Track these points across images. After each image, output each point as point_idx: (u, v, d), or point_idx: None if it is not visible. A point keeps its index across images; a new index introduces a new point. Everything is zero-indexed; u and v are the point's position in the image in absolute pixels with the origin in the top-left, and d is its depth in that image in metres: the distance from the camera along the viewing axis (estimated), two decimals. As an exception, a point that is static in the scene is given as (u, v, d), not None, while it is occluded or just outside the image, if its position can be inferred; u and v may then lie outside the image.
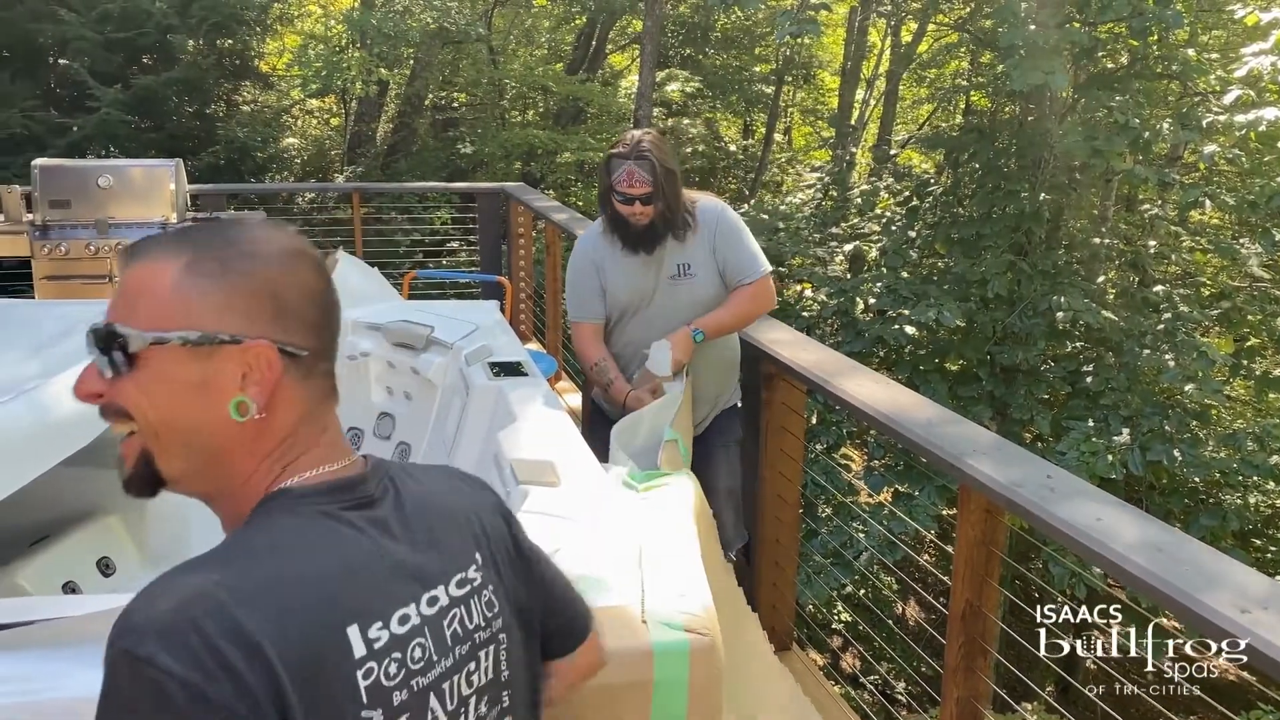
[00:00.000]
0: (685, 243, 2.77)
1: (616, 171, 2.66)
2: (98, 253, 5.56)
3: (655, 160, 2.64)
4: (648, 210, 2.68)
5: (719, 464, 2.89)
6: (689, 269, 2.79)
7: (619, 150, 2.68)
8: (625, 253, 2.79)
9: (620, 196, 2.68)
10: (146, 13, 9.30)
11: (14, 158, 8.17)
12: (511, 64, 13.99)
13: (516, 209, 6.65)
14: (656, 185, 2.64)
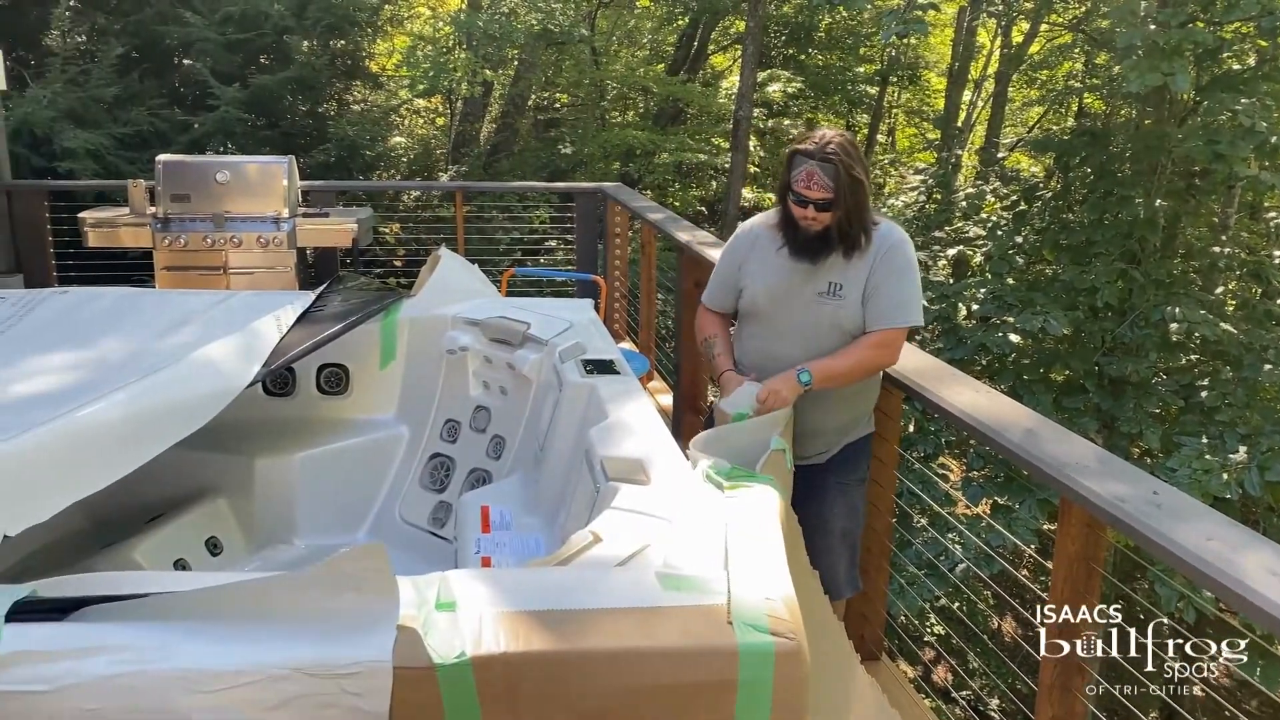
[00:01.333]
0: (849, 261, 2.53)
1: (797, 169, 2.45)
2: (214, 245, 5.80)
3: (841, 165, 2.41)
4: (823, 218, 2.46)
5: (835, 503, 2.67)
6: (839, 289, 2.54)
7: (804, 147, 2.45)
8: (785, 255, 2.58)
9: (796, 198, 2.47)
10: (265, 14, 9.65)
11: (140, 153, 8.58)
12: (613, 65, 14.08)
13: (613, 209, 6.69)
14: (838, 193, 2.42)
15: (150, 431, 2.30)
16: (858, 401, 2.70)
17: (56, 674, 1.20)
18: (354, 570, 1.30)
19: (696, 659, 1.29)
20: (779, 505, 1.74)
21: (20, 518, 1.94)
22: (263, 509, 3.10)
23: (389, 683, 1.23)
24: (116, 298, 3.15)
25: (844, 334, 2.57)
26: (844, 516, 2.70)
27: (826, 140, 2.44)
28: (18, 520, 1.94)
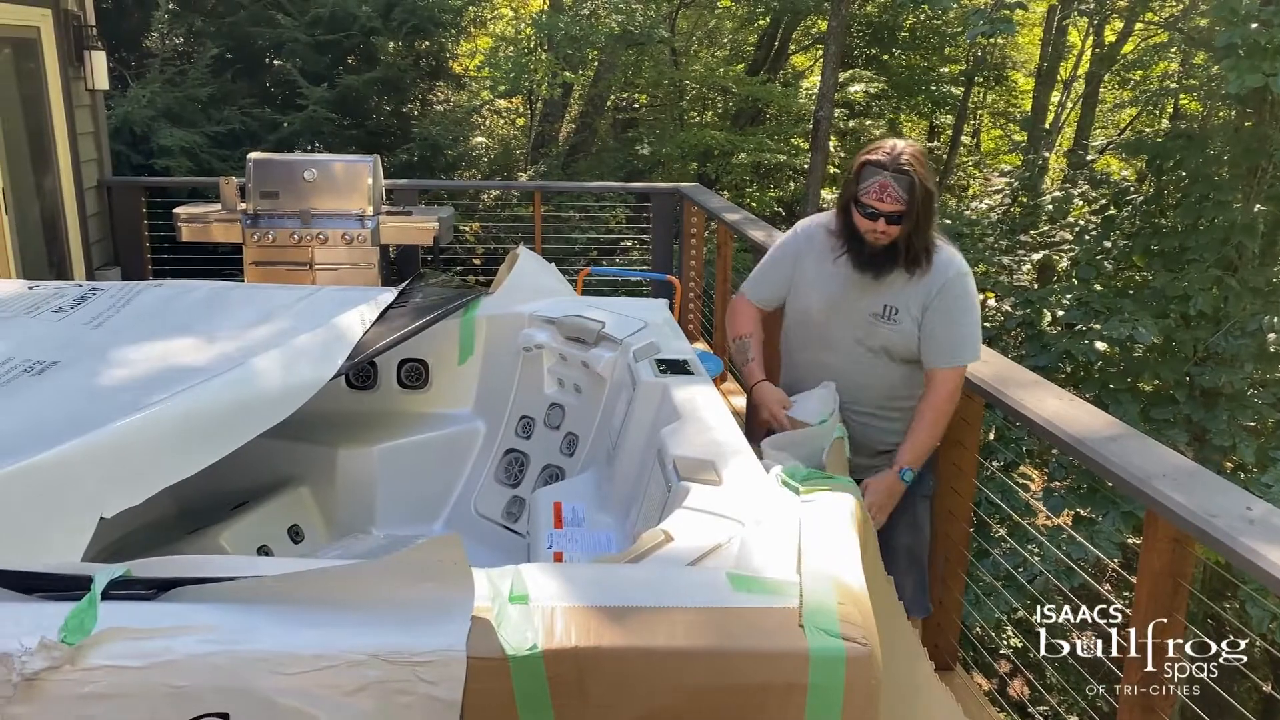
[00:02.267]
0: (907, 284, 2.44)
1: (867, 180, 2.35)
2: (301, 241, 5.96)
3: (916, 178, 2.31)
4: (892, 231, 2.36)
5: (896, 519, 2.57)
6: (895, 313, 2.46)
7: (875, 158, 2.35)
8: (843, 264, 2.49)
9: (865, 210, 2.37)
10: (353, 16, 9.88)
11: (232, 151, 8.86)
12: (693, 65, 14.07)
13: (690, 209, 6.69)
14: (912, 206, 2.32)
15: (239, 421, 2.37)
16: None
17: (148, 650, 1.25)
18: (431, 560, 1.33)
19: (766, 660, 1.28)
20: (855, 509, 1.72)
21: (117, 500, 2.03)
22: (343, 499, 3.17)
23: (463, 672, 1.25)
24: (208, 291, 3.25)
25: (891, 357, 2.52)
26: (907, 533, 2.63)
27: (899, 151, 2.35)
28: (114, 503, 2.02)
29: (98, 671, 1.24)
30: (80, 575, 1.35)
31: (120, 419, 2.12)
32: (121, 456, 2.08)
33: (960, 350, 2.48)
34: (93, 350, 2.59)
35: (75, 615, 1.26)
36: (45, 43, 6.03)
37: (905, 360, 2.52)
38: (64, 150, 6.23)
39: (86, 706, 1.24)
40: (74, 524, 1.94)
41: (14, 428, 2.08)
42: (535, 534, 2.55)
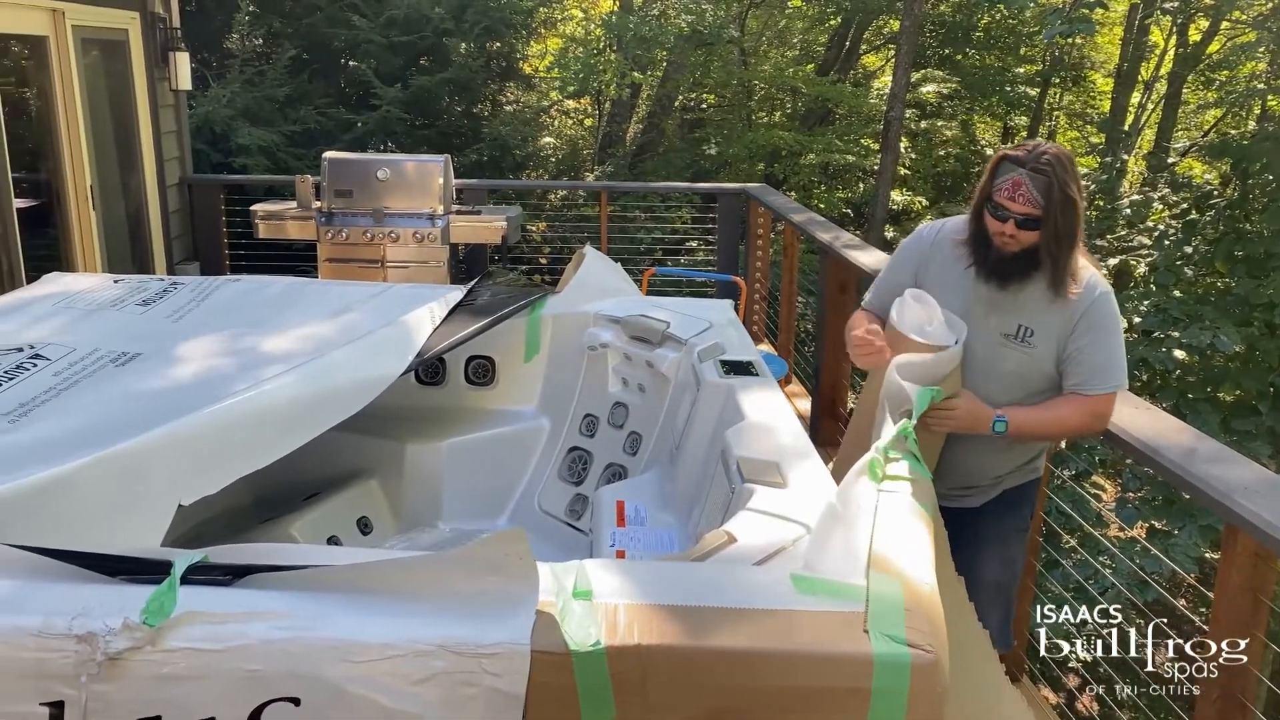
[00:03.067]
0: (1047, 305, 2.21)
1: (1002, 177, 2.14)
2: (373, 239, 6.07)
3: (1056, 180, 2.08)
4: (1023, 237, 2.15)
5: (988, 554, 2.39)
6: (1030, 335, 2.22)
7: (1014, 154, 2.16)
8: (970, 274, 2.26)
9: (996, 209, 2.16)
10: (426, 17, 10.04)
11: (308, 150, 9.07)
12: (762, 65, 14.00)
13: (756, 209, 6.66)
14: (1048, 211, 2.10)
15: (313, 415, 2.43)
16: (1021, 448, 2.38)
17: (224, 635, 1.29)
18: (497, 554, 1.35)
19: (829, 664, 1.28)
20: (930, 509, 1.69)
21: (194, 489, 2.10)
22: (411, 492, 3.23)
23: (527, 666, 1.26)
24: (284, 286, 3.34)
25: (1023, 384, 2.27)
26: (998, 569, 2.43)
27: (1041, 150, 2.14)
28: (192, 491, 2.09)
29: (176, 653, 1.28)
30: (161, 560, 1.40)
31: (199, 410, 2.19)
32: (200, 447, 2.15)
33: (1115, 374, 2.23)
34: (173, 343, 2.68)
35: (156, 598, 1.30)
36: (133, 44, 6.23)
37: (1032, 391, 2.28)
38: (148, 149, 6.44)
39: (165, 687, 1.28)
40: (154, 510, 2.01)
41: (100, 416, 2.16)
42: (598, 531, 2.57)
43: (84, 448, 1.96)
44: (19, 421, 2.10)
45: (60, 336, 2.67)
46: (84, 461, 1.91)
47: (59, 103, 5.45)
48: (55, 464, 1.88)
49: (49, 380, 2.35)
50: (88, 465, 1.91)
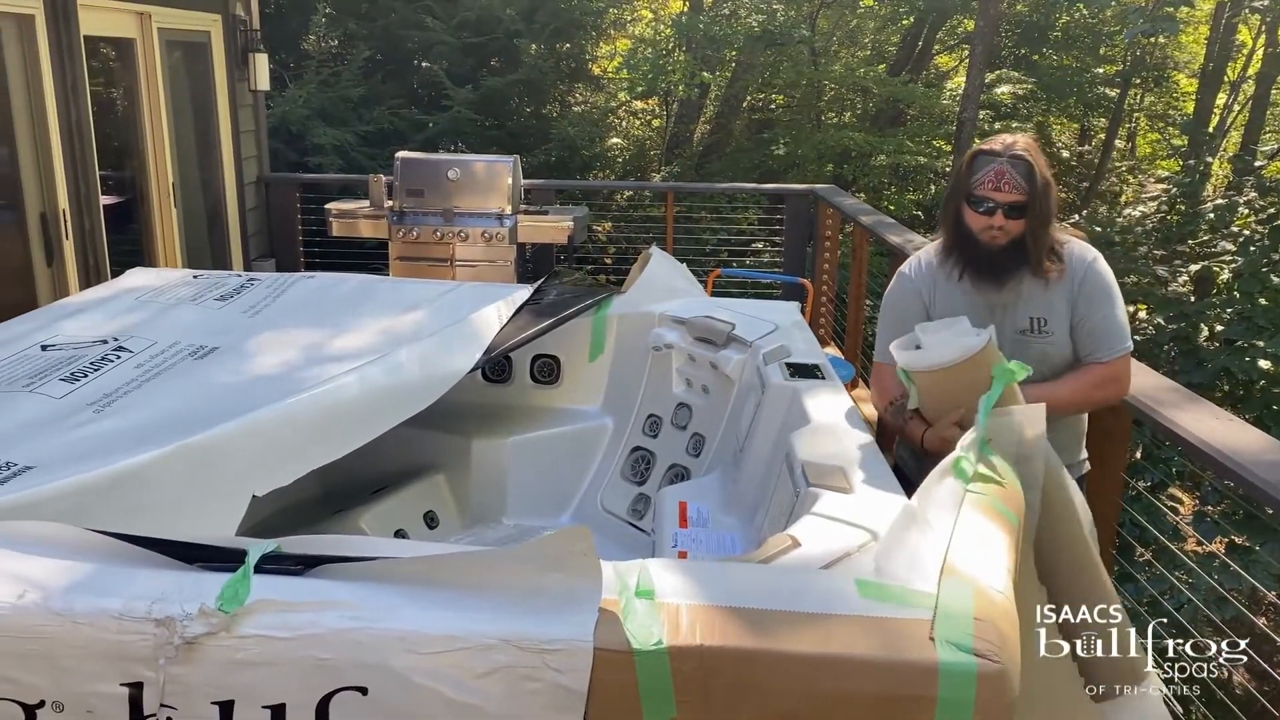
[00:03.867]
0: (1047, 289, 2.26)
1: (981, 171, 2.19)
2: (442, 238, 6.16)
3: (1035, 165, 2.16)
4: (1010, 227, 2.18)
5: None
6: (1044, 324, 2.27)
7: (989, 148, 2.22)
8: (966, 286, 2.29)
9: (979, 203, 2.20)
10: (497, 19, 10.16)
11: (381, 150, 9.24)
12: (832, 65, 13.86)
13: (825, 211, 6.60)
14: (1032, 196, 2.15)
15: (383, 409, 2.48)
16: (1066, 436, 2.35)
17: (295, 623, 1.32)
18: (561, 551, 1.35)
19: (893, 671, 1.26)
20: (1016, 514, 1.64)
21: (268, 480, 2.15)
22: (476, 487, 3.27)
23: (589, 662, 1.27)
24: (356, 284, 3.41)
25: (1054, 371, 2.31)
26: None
27: (1013, 140, 2.22)
28: (265, 482, 2.14)
29: (249, 640, 1.31)
30: (235, 549, 1.44)
31: (273, 404, 2.25)
32: (274, 439, 2.20)
33: (1118, 337, 2.26)
34: (250, 337, 2.75)
35: (231, 585, 1.34)
36: (214, 46, 6.41)
37: (1058, 371, 2.33)
38: (227, 147, 6.62)
39: (237, 672, 1.31)
40: (229, 500, 2.06)
41: (177, 407, 2.23)
42: (660, 532, 2.57)
43: (163, 438, 2.02)
44: (104, 411, 2.18)
45: (143, 330, 2.75)
46: (163, 451, 1.97)
47: (144, 103, 5.63)
48: (136, 453, 1.94)
49: (132, 372, 2.42)
50: (167, 455, 1.97)
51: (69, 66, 4.72)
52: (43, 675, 1.33)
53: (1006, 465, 1.73)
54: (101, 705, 1.33)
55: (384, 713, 1.30)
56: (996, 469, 1.70)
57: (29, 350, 2.55)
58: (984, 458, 1.71)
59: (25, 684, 1.33)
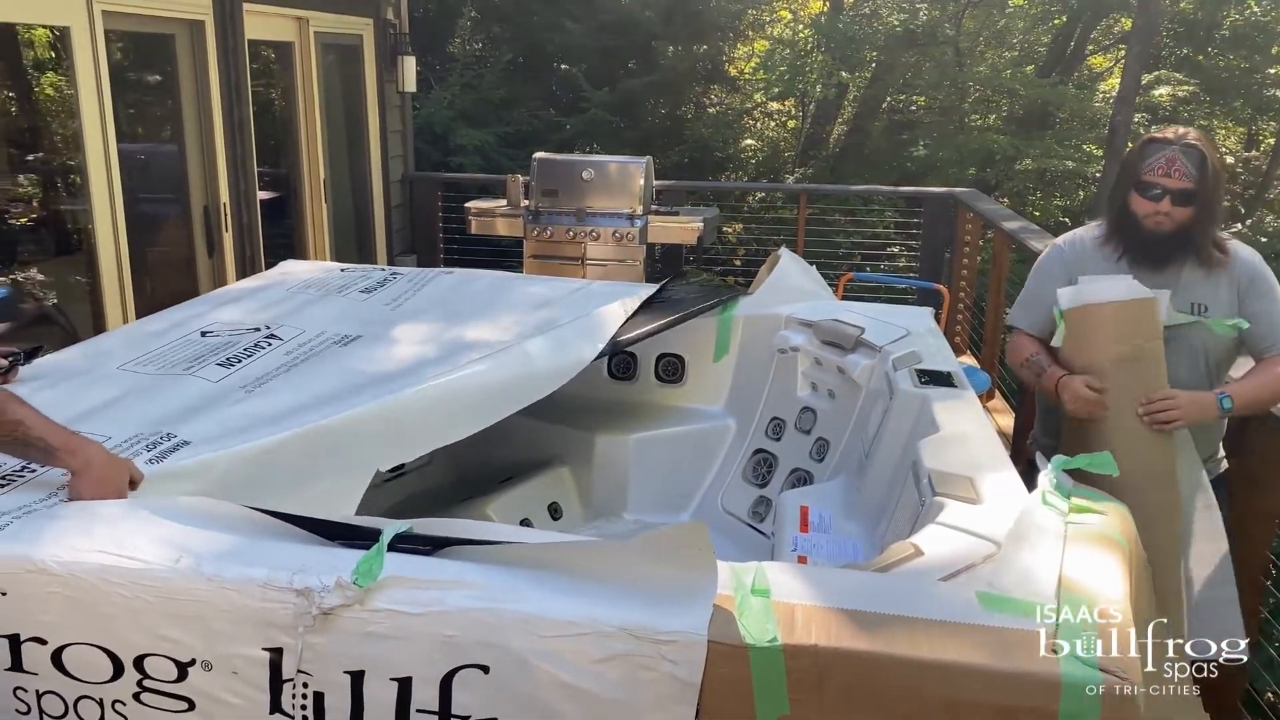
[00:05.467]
0: (1208, 278, 2.26)
1: (1152, 157, 2.20)
2: (574, 238, 6.28)
3: (1208, 156, 2.17)
4: (1177, 214, 2.19)
5: None
6: (1205, 310, 2.26)
7: (1161, 136, 2.23)
8: (1123, 267, 2.30)
9: (1148, 189, 2.20)
10: (636, 21, 10.27)
11: (519, 150, 9.47)
12: (978, 66, 13.44)
13: (964, 215, 6.42)
14: (1201, 185, 2.16)
15: (504, 397, 2.58)
16: (1212, 434, 2.36)
17: (424, 600, 1.38)
18: (678, 545, 1.37)
19: (1014, 682, 1.23)
20: (1127, 535, 1.60)
21: (391, 457, 2.29)
22: (599, 482, 3.32)
23: (703, 655, 1.29)
24: (492, 280, 3.51)
25: (1208, 362, 2.30)
26: None
27: (1184, 131, 2.23)
28: (389, 459, 2.28)
29: (381, 614, 1.38)
30: (371, 528, 1.52)
31: (407, 390, 2.36)
32: (400, 421, 2.32)
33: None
34: (390, 328, 2.88)
35: (365, 561, 1.41)
36: (366, 49, 6.71)
37: (1216, 362, 2.32)
38: (375, 147, 6.91)
39: (368, 644, 1.38)
40: (355, 475, 2.19)
41: (320, 392, 2.35)
42: (780, 535, 2.56)
43: (304, 418, 2.16)
44: (255, 392, 2.32)
45: (292, 319, 2.91)
46: (299, 431, 2.11)
47: (300, 103, 5.94)
48: (277, 432, 2.08)
49: (281, 358, 2.57)
50: (302, 434, 2.11)
51: (234, 68, 5.02)
52: (195, 635, 1.43)
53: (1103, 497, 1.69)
54: (245, 667, 1.42)
55: (503, 692, 1.35)
56: (1093, 500, 1.68)
57: (190, 336, 2.74)
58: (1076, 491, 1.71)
59: (179, 642, 1.43)
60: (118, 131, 4.25)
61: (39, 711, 1.51)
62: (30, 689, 1.49)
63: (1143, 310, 2.19)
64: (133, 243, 4.37)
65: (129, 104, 4.65)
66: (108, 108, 4.16)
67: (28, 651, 1.47)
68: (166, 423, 2.09)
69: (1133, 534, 1.64)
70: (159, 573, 1.44)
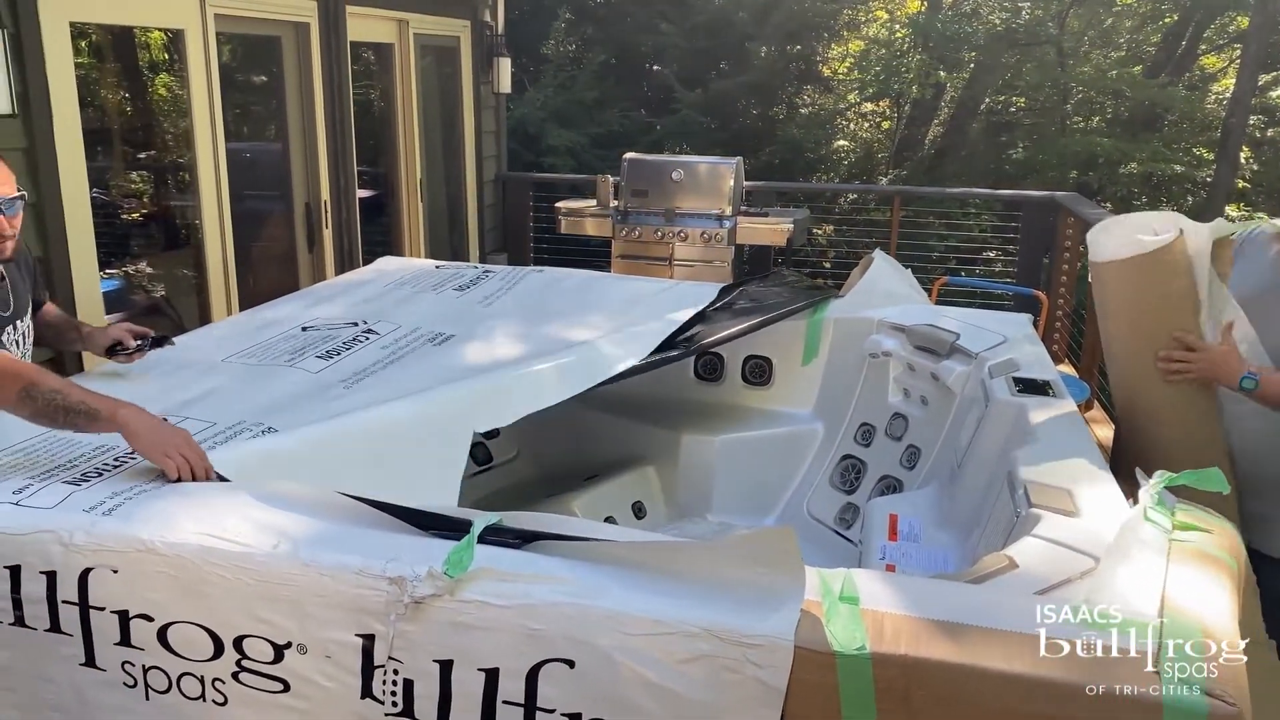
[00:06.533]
0: None
1: None
2: (663, 238, 6.29)
3: None
4: None
5: None
6: None
7: None
8: None
9: None
10: (730, 22, 10.24)
11: (608, 151, 9.54)
12: (1082, 66, 13.02)
13: (1066, 220, 6.22)
14: None
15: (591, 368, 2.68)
16: None
17: (512, 593, 1.40)
18: (766, 548, 1.36)
19: (1113, 705, 1.18)
20: (1236, 554, 1.53)
21: (487, 421, 2.43)
22: (684, 482, 3.32)
23: (789, 660, 1.27)
24: (581, 279, 3.55)
25: None
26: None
27: None
28: (484, 423, 2.42)
29: (470, 605, 1.40)
30: (462, 519, 1.54)
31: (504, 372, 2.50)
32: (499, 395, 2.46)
33: None
34: (482, 325, 2.93)
35: (456, 552, 1.43)
36: (463, 50, 6.83)
37: None
38: (470, 147, 7.03)
39: (457, 634, 1.41)
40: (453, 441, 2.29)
41: (415, 388, 2.41)
42: (868, 543, 2.52)
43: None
44: (354, 387, 2.39)
45: (389, 315, 2.99)
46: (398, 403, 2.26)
47: (398, 104, 6.08)
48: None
49: (378, 353, 2.64)
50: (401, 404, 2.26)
51: (336, 70, 5.17)
52: (291, 619, 1.47)
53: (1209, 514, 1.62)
54: (339, 652, 1.46)
55: (588, 687, 1.35)
56: (1200, 517, 1.60)
57: (291, 330, 2.83)
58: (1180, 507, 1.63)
59: (276, 625, 1.48)
60: (225, 130, 4.41)
61: (145, 686, 1.57)
62: (137, 664, 1.56)
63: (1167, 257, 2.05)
64: (238, 238, 4.53)
65: (236, 104, 4.83)
66: (217, 107, 4.33)
67: (136, 627, 1.54)
68: (268, 413, 2.17)
69: (1240, 553, 1.57)
70: (258, 557, 1.49)
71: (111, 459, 1.83)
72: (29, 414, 1.78)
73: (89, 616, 1.55)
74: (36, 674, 1.61)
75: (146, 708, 1.58)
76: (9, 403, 1.77)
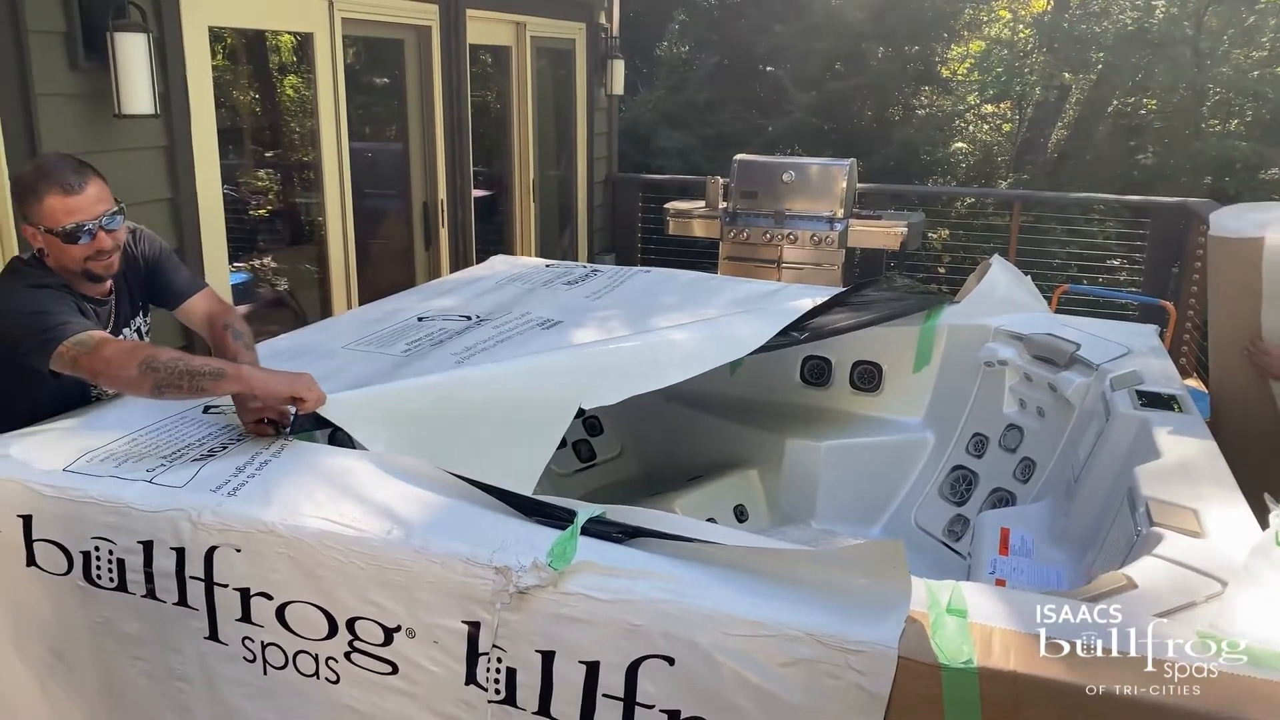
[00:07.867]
0: None
1: None
2: (771, 240, 6.24)
3: None
4: None
5: None
6: None
7: None
8: None
9: None
10: (845, 22, 10.10)
11: (719, 152, 9.51)
12: (1220, 67, 12.38)
13: (1198, 228, 5.93)
14: None
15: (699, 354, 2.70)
16: None
17: (613, 587, 1.41)
18: (873, 559, 1.34)
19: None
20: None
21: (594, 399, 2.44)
22: (787, 487, 3.29)
23: (893, 668, 1.25)
24: (688, 279, 3.56)
25: None
26: None
27: None
28: (592, 400, 2.44)
29: (572, 597, 1.42)
30: (567, 509, 1.56)
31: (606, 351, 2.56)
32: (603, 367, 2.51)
33: None
34: (590, 316, 2.98)
35: (560, 544, 1.46)
36: (578, 53, 6.91)
37: None
38: (582, 148, 7.11)
39: (558, 626, 1.43)
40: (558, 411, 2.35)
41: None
42: (977, 557, 2.45)
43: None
44: (465, 361, 2.47)
45: (500, 311, 3.05)
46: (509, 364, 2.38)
47: (514, 105, 6.19)
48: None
49: (489, 333, 2.73)
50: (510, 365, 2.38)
51: (455, 71, 5.30)
52: (401, 604, 1.52)
53: None
54: (445, 638, 1.50)
55: (688, 685, 1.36)
56: None
57: (408, 320, 2.92)
58: None
59: (387, 609, 1.53)
60: (349, 131, 4.57)
61: (263, 661, 1.64)
62: (256, 639, 1.63)
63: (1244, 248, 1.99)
64: (358, 235, 4.69)
65: (359, 105, 5.00)
66: (342, 108, 4.49)
67: (256, 605, 1.61)
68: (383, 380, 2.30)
69: None
70: (372, 542, 1.54)
71: (232, 436, 1.93)
72: (152, 386, 1.82)
73: (213, 592, 1.63)
74: (165, 644, 1.70)
75: (265, 682, 1.65)
76: (132, 378, 1.83)
